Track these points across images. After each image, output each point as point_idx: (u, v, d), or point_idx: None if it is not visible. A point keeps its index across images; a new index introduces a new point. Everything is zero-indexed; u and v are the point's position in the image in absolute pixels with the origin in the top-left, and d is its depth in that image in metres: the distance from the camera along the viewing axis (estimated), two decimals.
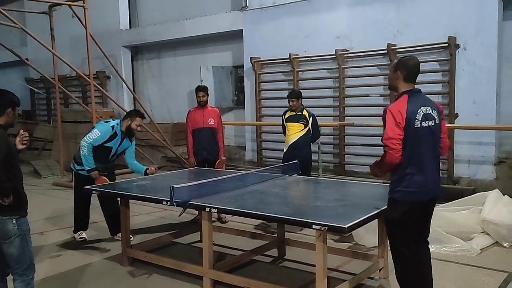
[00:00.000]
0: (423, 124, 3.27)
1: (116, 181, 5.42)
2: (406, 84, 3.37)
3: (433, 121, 3.34)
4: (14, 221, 3.24)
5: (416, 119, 3.25)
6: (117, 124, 5.38)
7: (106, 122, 5.42)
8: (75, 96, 11.16)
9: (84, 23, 9.24)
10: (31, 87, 14.24)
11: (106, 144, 5.29)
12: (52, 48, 9.54)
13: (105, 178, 5.30)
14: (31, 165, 10.88)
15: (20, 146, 3.35)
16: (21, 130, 3.41)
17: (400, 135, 3.21)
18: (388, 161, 3.26)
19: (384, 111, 3.29)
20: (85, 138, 5.26)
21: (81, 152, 5.22)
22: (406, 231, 3.39)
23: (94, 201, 5.52)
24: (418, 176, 3.28)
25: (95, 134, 5.23)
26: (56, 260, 5.08)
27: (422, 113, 3.28)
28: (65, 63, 9.46)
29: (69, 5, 9.29)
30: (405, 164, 3.26)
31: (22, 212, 3.33)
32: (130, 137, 5.47)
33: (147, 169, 5.49)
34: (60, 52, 9.71)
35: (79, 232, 5.58)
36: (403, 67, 3.36)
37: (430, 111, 3.34)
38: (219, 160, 6.41)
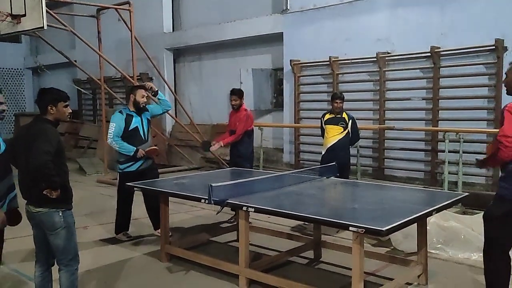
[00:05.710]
0: None
1: (156, 179, 5.55)
2: None
3: None
4: (60, 214, 3.38)
5: None
6: (124, 108, 5.57)
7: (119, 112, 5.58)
8: (119, 96, 11.51)
9: (129, 26, 9.54)
10: (78, 88, 14.77)
11: (130, 128, 5.43)
12: (99, 50, 9.88)
13: (154, 147, 5.57)
14: (77, 162, 11.30)
15: None
16: None
17: None
18: (499, 158, 3.29)
19: (502, 110, 3.30)
20: (108, 137, 5.45)
21: (116, 149, 5.44)
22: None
23: (136, 198, 5.69)
24: None
25: (112, 127, 5.40)
26: (98, 254, 5.27)
27: None
28: (111, 64, 9.78)
29: (116, 9, 9.62)
30: None
31: (68, 205, 3.47)
32: (143, 110, 5.55)
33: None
34: (106, 54, 10.05)
35: (124, 232, 5.73)
36: None
37: None
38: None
